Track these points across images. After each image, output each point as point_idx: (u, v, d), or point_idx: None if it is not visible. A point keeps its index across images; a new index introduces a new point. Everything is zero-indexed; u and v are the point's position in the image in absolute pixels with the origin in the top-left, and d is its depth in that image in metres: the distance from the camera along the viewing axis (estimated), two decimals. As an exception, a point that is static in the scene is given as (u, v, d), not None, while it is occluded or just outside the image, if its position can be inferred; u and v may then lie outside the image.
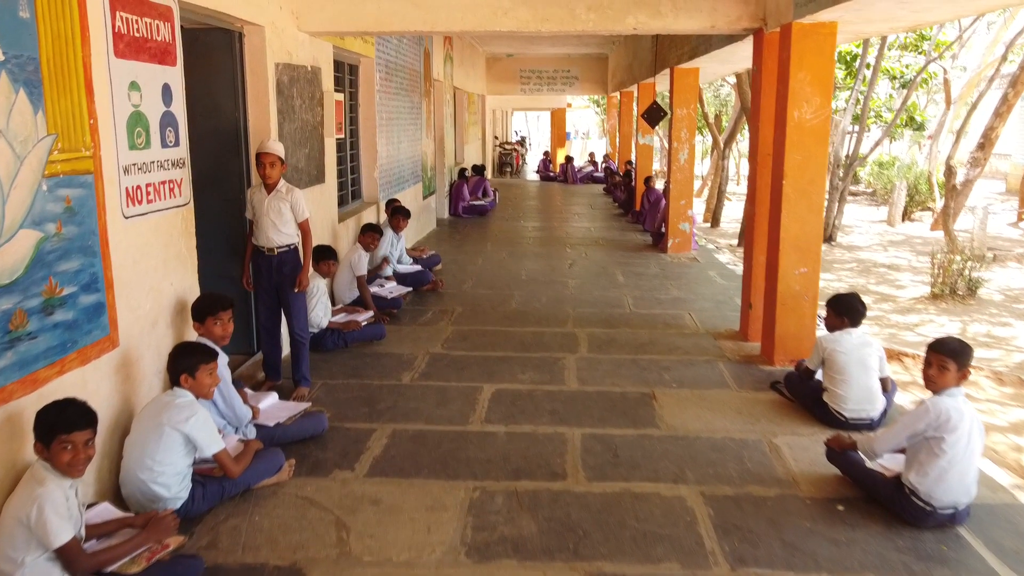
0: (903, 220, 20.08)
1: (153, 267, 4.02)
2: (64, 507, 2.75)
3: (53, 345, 3.19)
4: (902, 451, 3.72)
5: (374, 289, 7.34)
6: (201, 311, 4.11)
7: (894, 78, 19.60)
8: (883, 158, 26.80)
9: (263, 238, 5.00)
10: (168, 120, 4.12)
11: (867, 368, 4.70)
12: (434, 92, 13.08)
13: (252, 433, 4.22)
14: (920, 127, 22.88)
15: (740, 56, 8.17)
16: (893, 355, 6.87)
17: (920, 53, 18.98)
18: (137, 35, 3.81)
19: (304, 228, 5.12)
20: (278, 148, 4.90)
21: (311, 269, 5.93)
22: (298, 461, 4.16)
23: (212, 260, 5.57)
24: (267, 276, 5.07)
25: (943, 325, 10.11)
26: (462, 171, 15.04)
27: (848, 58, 16.80)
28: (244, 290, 5.29)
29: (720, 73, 11.53)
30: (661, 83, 13.19)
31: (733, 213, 21.35)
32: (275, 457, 3.94)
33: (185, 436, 3.47)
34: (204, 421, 3.55)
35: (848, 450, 3.97)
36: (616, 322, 7.14)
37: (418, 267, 8.45)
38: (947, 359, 3.54)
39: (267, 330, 5.24)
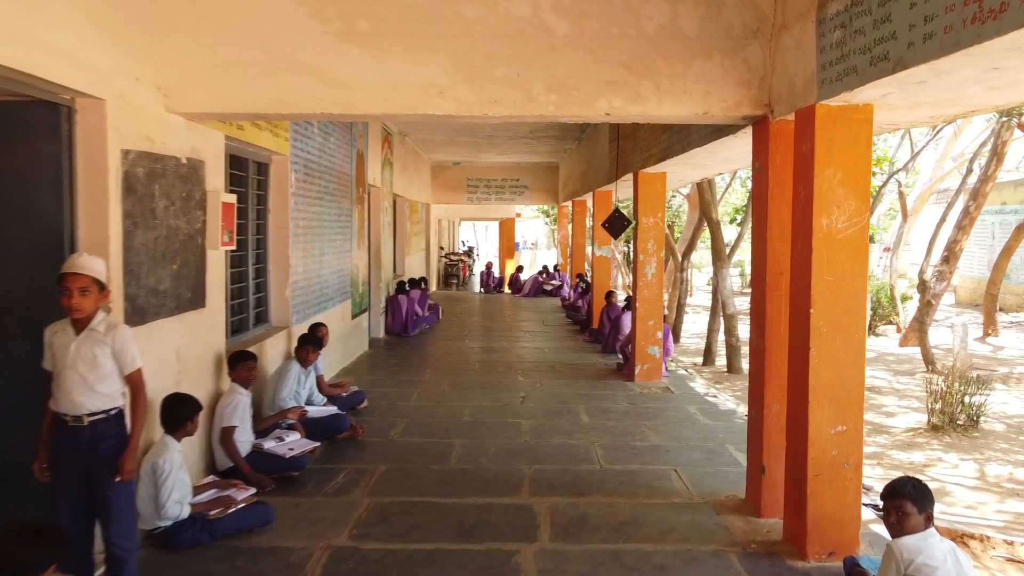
0: (868, 335, 19.19)
1: None
2: None
3: None
4: None
5: (269, 444, 5.58)
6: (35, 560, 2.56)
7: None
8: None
9: (66, 402, 3.31)
10: None
11: (975, 594, 3.16)
12: (369, 199, 11.71)
13: None
14: (870, 239, 22.62)
15: (722, 157, 6.97)
16: (954, 537, 5.32)
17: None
18: None
19: (134, 383, 3.45)
20: (93, 266, 3.29)
21: (163, 435, 4.23)
22: None
23: (16, 427, 3.90)
24: (72, 459, 3.35)
25: (956, 466, 8.71)
26: (400, 284, 13.52)
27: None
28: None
29: (689, 178, 10.44)
30: (620, 190, 12.09)
31: (693, 327, 20.24)
32: None
33: None
34: None
35: None
36: (586, 486, 5.49)
37: (333, 409, 6.70)
38: None
39: (74, 538, 3.45)
